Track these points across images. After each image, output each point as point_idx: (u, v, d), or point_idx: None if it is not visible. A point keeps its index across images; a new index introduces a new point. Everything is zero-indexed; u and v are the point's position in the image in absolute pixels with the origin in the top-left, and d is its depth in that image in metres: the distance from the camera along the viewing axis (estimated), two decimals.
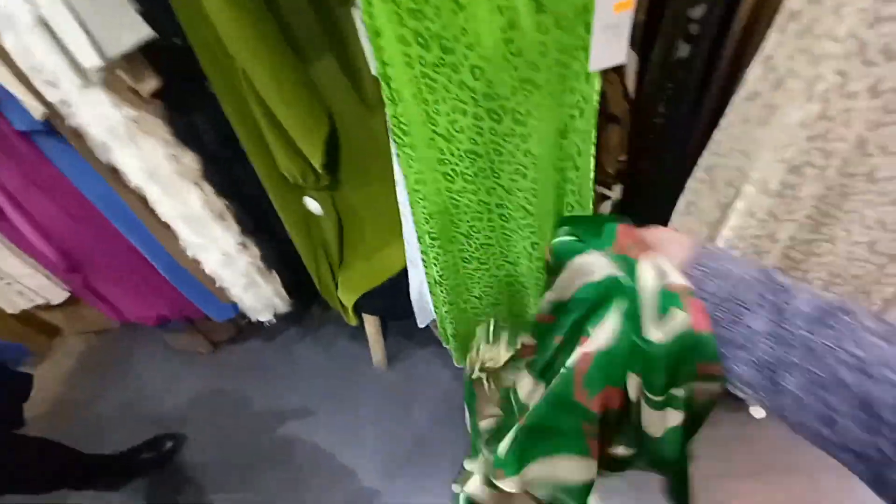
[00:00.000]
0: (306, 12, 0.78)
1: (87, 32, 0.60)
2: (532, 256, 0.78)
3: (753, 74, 0.49)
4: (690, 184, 0.61)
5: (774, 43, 0.46)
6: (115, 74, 0.73)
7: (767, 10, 0.48)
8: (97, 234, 1.04)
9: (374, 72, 0.64)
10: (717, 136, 0.55)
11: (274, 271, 1.12)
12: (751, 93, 0.50)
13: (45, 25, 0.60)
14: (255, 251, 1.07)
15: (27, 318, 1.42)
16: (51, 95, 0.75)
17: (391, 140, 0.70)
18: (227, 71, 0.76)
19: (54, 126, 0.82)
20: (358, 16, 0.59)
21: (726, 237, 0.66)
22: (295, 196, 0.99)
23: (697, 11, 0.53)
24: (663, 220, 0.70)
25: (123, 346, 1.58)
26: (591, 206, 0.67)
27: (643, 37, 0.55)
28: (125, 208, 0.94)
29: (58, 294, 1.33)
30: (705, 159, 0.58)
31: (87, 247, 1.08)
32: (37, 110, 0.78)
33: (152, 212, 0.90)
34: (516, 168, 0.67)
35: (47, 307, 1.37)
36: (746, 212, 0.62)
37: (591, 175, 0.63)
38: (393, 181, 0.78)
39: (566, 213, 0.70)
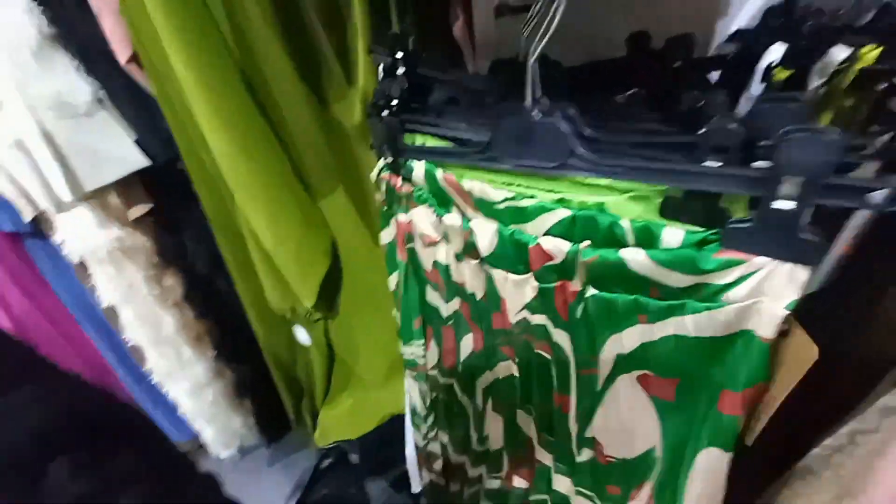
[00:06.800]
0: (320, 146, 0.72)
1: (65, 165, 0.55)
2: None
3: None
4: None
5: None
6: (104, 198, 0.68)
7: None
8: (70, 340, 0.95)
9: None
10: None
11: (247, 399, 0.98)
12: None
13: (24, 149, 0.55)
14: (229, 377, 0.94)
15: None
16: (42, 203, 0.70)
17: None
18: (221, 197, 0.70)
19: (43, 230, 0.77)
20: None
21: None
22: (282, 326, 0.87)
23: None
24: None
25: None
26: None
27: None
28: (103, 321, 0.85)
29: None
30: None
31: (59, 349, 0.99)
32: (27, 213, 0.74)
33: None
34: None
35: None
36: None
37: None
38: None
39: None
